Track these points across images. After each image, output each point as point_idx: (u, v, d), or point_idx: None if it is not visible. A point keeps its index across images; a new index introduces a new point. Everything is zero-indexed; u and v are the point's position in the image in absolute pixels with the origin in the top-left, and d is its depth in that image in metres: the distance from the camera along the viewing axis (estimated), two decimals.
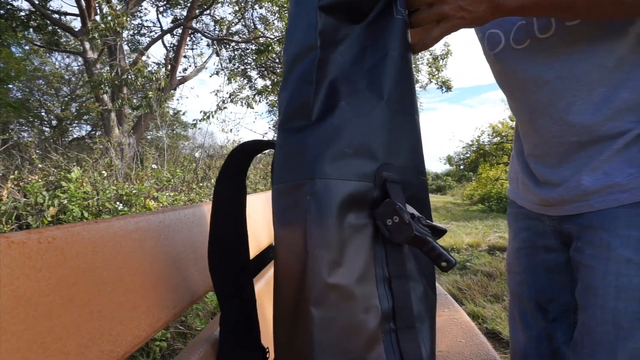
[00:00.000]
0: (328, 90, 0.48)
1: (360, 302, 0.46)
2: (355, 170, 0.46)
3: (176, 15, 9.88)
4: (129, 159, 5.38)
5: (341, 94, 0.48)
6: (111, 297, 0.43)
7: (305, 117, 0.47)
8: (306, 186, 0.45)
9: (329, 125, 0.47)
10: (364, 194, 0.47)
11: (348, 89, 0.49)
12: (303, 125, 0.47)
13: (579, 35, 0.57)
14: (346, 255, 0.45)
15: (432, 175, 30.00)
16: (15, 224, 2.21)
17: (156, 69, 7.29)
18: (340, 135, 0.46)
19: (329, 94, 0.48)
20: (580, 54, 0.58)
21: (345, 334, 0.45)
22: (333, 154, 0.46)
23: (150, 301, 0.49)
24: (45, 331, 0.34)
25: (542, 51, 0.61)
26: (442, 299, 1.25)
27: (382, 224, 0.48)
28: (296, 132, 0.47)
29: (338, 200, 0.45)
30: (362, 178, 0.47)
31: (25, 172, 3.24)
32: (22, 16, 7.62)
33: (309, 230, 0.44)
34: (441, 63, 12.09)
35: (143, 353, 1.60)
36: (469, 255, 4.00)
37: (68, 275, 0.38)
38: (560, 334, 0.73)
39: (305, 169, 0.45)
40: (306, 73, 0.48)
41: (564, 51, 0.59)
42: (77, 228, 0.41)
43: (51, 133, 12.98)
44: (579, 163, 0.60)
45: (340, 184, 0.45)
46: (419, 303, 0.53)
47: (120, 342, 0.42)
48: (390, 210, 0.48)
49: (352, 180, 0.46)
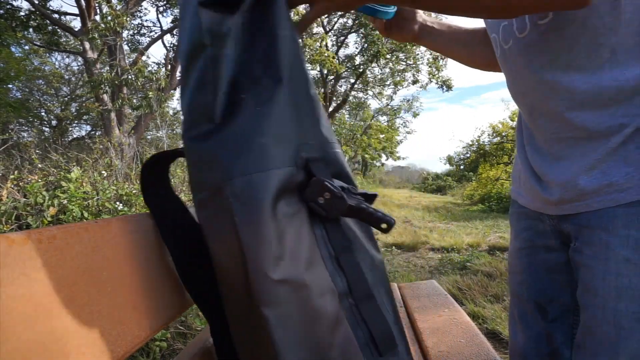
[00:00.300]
0: (227, 87, 0.46)
1: (314, 288, 0.44)
2: (273, 158, 0.45)
3: (176, 15, 9.88)
4: (129, 159, 5.38)
5: (240, 88, 0.47)
6: (111, 297, 0.43)
7: (209, 120, 0.45)
8: (226, 189, 0.43)
9: (235, 123, 0.45)
10: (289, 180, 0.46)
11: (246, 81, 0.47)
12: (208, 129, 0.45)
13: (551, 32, 0.57)
14: (287, 247, 0.43)
15: (432, 175, 29.97)
16: (15, 224, 2.21)
17: (156, 69, 7.29)
18: (248, 129, 0.45)
19: (228, 90, 0.46)
20: (557, 51, 0.58)
21: (306, 326, 0.43)
22: (246, 149, 0.44)
23: (150, 301, 0.49)
24: (46, 331, 0.34)
25: (524, 50, 0.62)
26: (442, 299, 1.25)
27: (314, 204, 0.48)
28: (203, 138, 0.45)
29: (264, 194, 0.43)
30: (282, 164, 0.45)
31: (25, 172, 3.24)
32: (21, 16, 7.63)
33: (240, 233, 0.42)
34: (441, 63, 12.10)
35: (143, 353, 1.60)
36: (469, 255, 4.00)
37: (68, 275, 0.38)
38: (559, 334, 0.73)
39: (220, 172, 0.43)
40: (202, 74, 0.46)
41: (541, 49, 0.59)
42: (77, 228, 0.41)
43: (51, 133, 12.97)
44: (575, 160, 0.60)
45: (263, 177, 0.43)
46: (370, 272, 0.52)
47: (121, 342, 0.42)
48: (319, 188, 0.47)
49: (273, 169, 0.44)
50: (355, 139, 13.43)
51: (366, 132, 14.50)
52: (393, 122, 16.83)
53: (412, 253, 4.34)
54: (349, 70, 12.24)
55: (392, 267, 3.54)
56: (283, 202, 0.45)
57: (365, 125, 14.69)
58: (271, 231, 0.42)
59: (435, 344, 0.93)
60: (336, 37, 12.17)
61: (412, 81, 13.19)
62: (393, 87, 14.26)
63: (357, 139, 13.47)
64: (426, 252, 4.40)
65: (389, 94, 14.90)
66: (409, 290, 1.37)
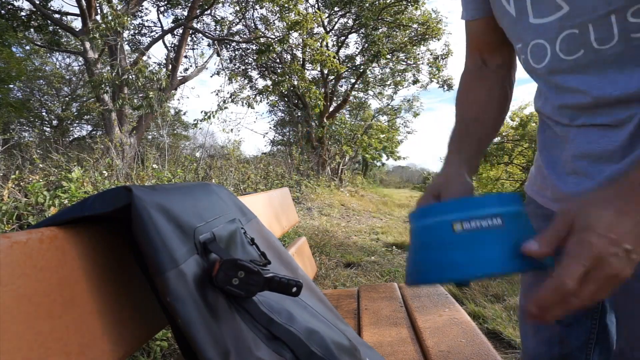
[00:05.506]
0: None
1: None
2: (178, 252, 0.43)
3: (177, 15, 9.89)
4: (129, 159, 5.39)
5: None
6: (112, 297, 0.43)
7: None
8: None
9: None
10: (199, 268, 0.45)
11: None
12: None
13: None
14: (229, 340, 0.43)
15: (433, 175, 29.96)
16: (16, 224, 2.21)
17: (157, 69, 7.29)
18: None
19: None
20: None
21: None
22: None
23: (151, 301, 0.49)
24: (47, 331, 0.34)
25: (602, 64, 0.52)
26: (442, 298, 1.25)
27: (231, 288, 0.45)
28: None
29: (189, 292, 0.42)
30: (188, 254, 0.45)
31: (26, 172, 3.24)
32: (23, 16, 7.63)
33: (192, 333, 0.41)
34: (442, 63, 12.09)
35: (144, 353, 1.60)
36: None
37: (69, 275, 0.38)
38: (574, 338, 0.71)
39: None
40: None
41: (628, 64, 0.50)
42: (78, 228, 0.41)
43: (52, 133, 12.99)
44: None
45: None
46: (309, 316, 0.54)
47: (122, 341, 0.42)
48: (232, 268, 0.45)
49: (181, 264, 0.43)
50: (356, 139, 13.42)
51: (367, 132, 14.50)
52: (393, 122, 16.80)
53: None
54: (350, 70, 12.23)
55: (393, 267, 3.53)
56: (210, 294, 0.45)
57: (365, 125, 14.69)
58: (214, 329, 0.42)
59: (435, 343, 0.93)
60: (337, 37, 12.16)
61: (413, 81, 13.17)
62: (393, 87, 14.24)
63: (357, 139, 13.46)
64: None
65: (389, 94, 14.88)
66: (409, 290, 1.37)
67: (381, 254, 4.15)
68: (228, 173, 6.06)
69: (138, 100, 7.42)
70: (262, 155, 11.70)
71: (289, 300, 0.56)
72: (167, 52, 9.09)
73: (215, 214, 0.57)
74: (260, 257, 0.59)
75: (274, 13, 9.88)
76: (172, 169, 4.75)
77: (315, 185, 8.54)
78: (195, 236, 0.48)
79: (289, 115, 14.33)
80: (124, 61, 6.75)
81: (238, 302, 0.49)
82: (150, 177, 3.97)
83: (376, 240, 4.96)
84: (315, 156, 10.85)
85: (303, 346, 0.50)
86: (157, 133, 11.44)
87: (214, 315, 0.43)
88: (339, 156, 12.03)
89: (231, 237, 0.56)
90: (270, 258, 0.62)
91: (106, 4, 6.12)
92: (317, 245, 4.05)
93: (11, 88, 10.81)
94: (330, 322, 0.62)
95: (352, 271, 3.38)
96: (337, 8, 10.89)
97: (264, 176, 7.12)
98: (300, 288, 0.48)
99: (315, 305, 0.64)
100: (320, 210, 6.51)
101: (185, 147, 13.19)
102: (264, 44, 7.59)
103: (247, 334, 0.46)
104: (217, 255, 0.48)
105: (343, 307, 1.25)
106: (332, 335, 0.56)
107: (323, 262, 3.56)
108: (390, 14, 10.72)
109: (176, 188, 0.52)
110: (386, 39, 10.98)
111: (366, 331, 1.05)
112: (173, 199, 0.47)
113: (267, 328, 0.49)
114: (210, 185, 0.65)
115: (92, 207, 0.41)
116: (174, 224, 0.45)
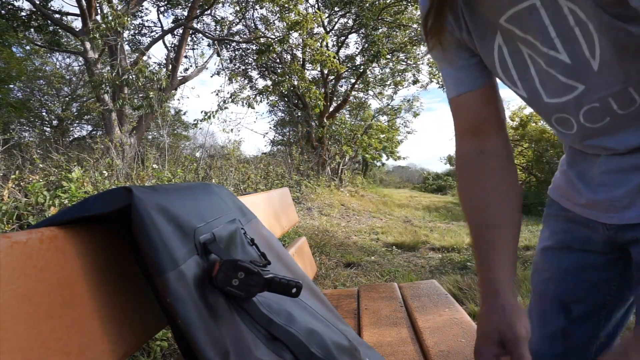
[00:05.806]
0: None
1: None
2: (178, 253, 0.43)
3: (177, 15, 9.90)
4: (130, 159, 5.39)
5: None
6: (112, 297, 0.43)
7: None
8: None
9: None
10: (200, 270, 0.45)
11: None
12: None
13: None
14: (229, 341, 0.43)
15: (433, 175, 29.94)
16: (16, 224, 2.21)
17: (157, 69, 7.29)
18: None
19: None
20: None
21: None
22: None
23: (151, 301, 0.49)
24: (47, 331, 0.34)
25: (628, 122, 0.54)
26: (442, 298, 1.25)
27: (231, 289, 0.46)
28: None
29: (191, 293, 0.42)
30: (188, 255, 0.45)
31: (27, 172, 3.24)
32: (23, 16, 7.63)
33: (192, 334, 0.41)
34: None
35: (144, 353, 1.60)
36: (469, 255, 4.00)
37: (69, 275, 0.38)
38: (579, 333, 0.71)
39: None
40: None
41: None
42: (78, 228, 0.41)
43: (52, 133, 12.99)
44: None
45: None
46: (309, 317, 0.54)
47: (121, 341, 0.42)
48: (232, 269, 0.45)
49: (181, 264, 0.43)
50: (356, 139, 13.42)
51: (367, 132, 14.49)
52: (393, 122, 16.80)
53: (413, 253, 4.34)
54: (350, 70, 12.23)
55: (393, 267, 3.54)
56: (210, 296, 0.45)
57: (365, 125, 14.68)
58: (216, 330, 0.42)
59: (435, 343, 0.93)
60: (337, 37, 12.16)
61: (413, 81, 13.17)
62: (393, 87, 14.24)
63: (357, 139, 13.45)
64: (426, 251, 4.39)
65: (389, 94, 14.88)
66: (409, 290, 1.37)
67: (381, 254, 4.16)
68: (228, 173, 6.07)
69: (138, 100, 7.42)
70: (262, 155, 11.71)
71: (288, 301, 0.56)
72: (167, 52, 9.10)
73: (216, 214, 0.57)
74: (260, 258, 0.59)
75: (274, 13, 9.88)
76: (172, 169, 4.75)
77: (315, 185, 8.54)
78: (196, 237, 0.48)
79: (289, 115, 14.34)
80: (124, 61, 6.75)
81: (238, 302, 0.49)
82: (150, 177, 3.97)
83: (376, 240, 4.96)
84: (315, 156, 10.85)
85: (303, 347, 0.50)
86: (157, 133, 11.45)
87: (214, 315, 0.43)
88: (339, 156, 12.03)
89: (231, 238, 0.56)
90: (270, 258, 0.62)
91: (106, 4, 6.12)
92: (317, 245, 4.06)
93: (11, 88, 10.82)
94: (330, 322, 0.62)
95: (352, 271, 3.39)
96: (337, 8, 10.89)
97: (264, 176, 7.12)
98: (300, 289, 0.48)
99: (315, 306, 0.64)
100: (320, 210, 6.51)
101: (186, 147, 13.20)
102: (264, 44, 7.59)
103: (246, 335, 0.47)
104: (217, 256, 0.48)
105: (343, 307, 1.25)
106: (332, 336, 0.56)
107: (323, 262, 3.56)
108: (390, 14, 10.71)
109: (176, 188, 0.52)
110: (386, 39, 10.97)
111: (366, 331, 1.05)
112: (173, 200, 0.47)
113: (267, 329, 0.49)
114: (210, 186, 0.65)
115: (92, 208, 0.41)
116: (174, 224, 0.45)
